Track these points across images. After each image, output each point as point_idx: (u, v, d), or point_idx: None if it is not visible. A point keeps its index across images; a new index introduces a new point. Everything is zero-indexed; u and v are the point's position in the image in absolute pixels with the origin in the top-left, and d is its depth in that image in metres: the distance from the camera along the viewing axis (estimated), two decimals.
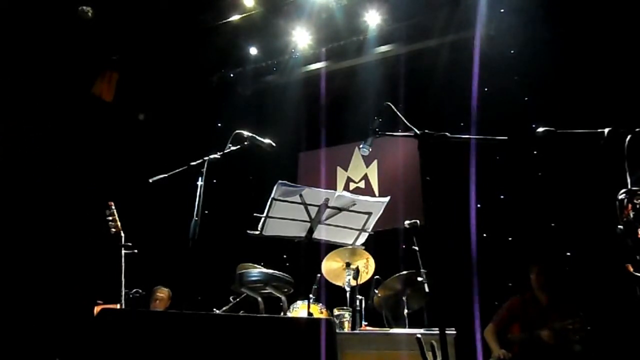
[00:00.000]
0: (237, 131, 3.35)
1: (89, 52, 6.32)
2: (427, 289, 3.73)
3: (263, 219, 2.98)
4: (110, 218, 3.65)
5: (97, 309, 4.28)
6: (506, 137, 2.46)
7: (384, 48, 6.60)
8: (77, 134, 6.05)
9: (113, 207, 3.72)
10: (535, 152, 5.47)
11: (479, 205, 5.51)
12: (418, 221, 4.02)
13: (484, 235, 5.43)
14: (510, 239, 5.45)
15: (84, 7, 5.76)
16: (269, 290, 3.72)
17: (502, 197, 5.68)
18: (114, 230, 3.64)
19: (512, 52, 5.84)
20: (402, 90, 6.05)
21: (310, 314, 3.28)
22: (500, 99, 5.66)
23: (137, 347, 1.89)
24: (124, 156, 6.44)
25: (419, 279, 3.83)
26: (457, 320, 3.63)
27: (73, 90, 6.26)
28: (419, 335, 2.48)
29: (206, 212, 3.30)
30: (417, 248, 3.91)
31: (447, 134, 2.45)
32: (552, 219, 5.27)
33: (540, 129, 2.28)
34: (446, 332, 2.14)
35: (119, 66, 6.74)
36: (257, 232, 3.03)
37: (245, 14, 6.35)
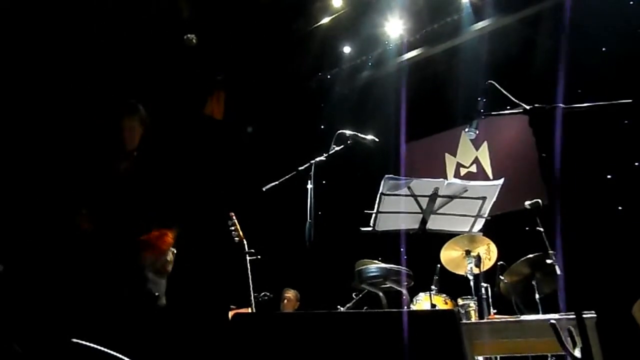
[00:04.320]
0: (340, 131, 3.40)
1: (197, 76, 6.80)
2: (558, 271, 3.50)
3: (374, 214, 3.00)
4: (233, 228, 3.90)
5: (230, 314, 4.60)
6: (631, 100, 2.22)
7: (481, 24, 6.30)
8: (199, 154, 6.52)
9: (234, 218, 3.98)
10: None
11: (609, 177, 5.04)
12: (540, 200, 3.80)
13: (619, 208, 4.96)
14: None
15: (189, 35, 6.19)
16: (389, 284, 3.72)
17: (637, 164, 5.13)
18: (237, 239, 3.89)
19: (631, 2, 5.25)
20: (507, 65, 5.72)
21: (433, 305, 3.24)
22: (621, 57, 5.12)
23: (269, 349, 2.00)
24: (239, 169, 6.82)
25: (548, 261, 3.60)
26: (597, 302, 3.35)
27: (189, 113, 6.75)
28: (553, 321, 2.33)
29: (319, 213, 3.39)
30: (542, 229, 3.68)
31: (560, 105, 2.28)
32: None
33: None
34: (585, 315, 1.99)
35: (224, 85, 7.16)
36: (370, 228, 3.06)
37: (335, 15, 6.43)
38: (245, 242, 3.92)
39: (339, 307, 4.55)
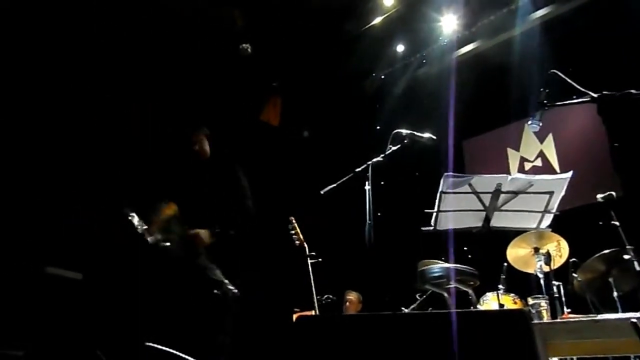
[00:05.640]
0: (396, 131, 3.37)
1: (253, 84, 6.95)
2: (637, 268, 3.30)
3: (435, 213, 2.94)
4: (293, 232, 3.95)
5: (295, 316, 4.66)
6: None
7: (540, 12, 6.05)
8: (258, 161, 6.66)
9: (294, 222, 4.03)
10: None
11: None
12: (614, 193, 3.61)
13: None
14: None
15: (244, 45, 6.34)
16: (453, 284, 3.64)
17: None
18: (297, 243, 3.93)
19: None
20: (569, 54, 5.46)
21: (501, 305, 3.13)
22: None
23: (334, 350, 2.01)
24: (297, 173, 6.90)
25: (626, 256, 3.40)
26: None
27: (247, 121, 6.92)
28: (634, 320, 2.20)
29: (379, 214, 3.37)
30: (617, 223, 3.49)
31: (631, 91, 2.15)
32: None
33: None
34: None
35: (280, 91, 7.27)
36: (431, 228, 3.00)
37: (386, 14, 6.39)
38: (306, 245, 3.96)
39: (402, 308, 4.49)
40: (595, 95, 2.18)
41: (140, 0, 5.40)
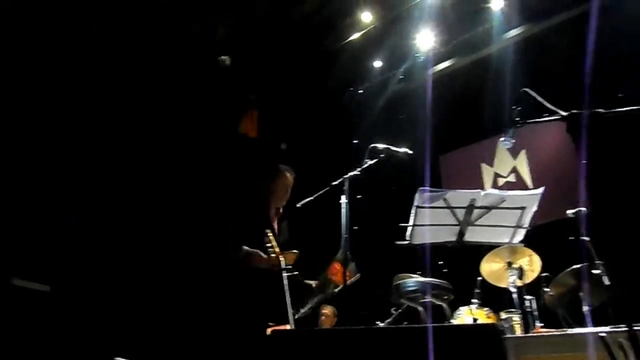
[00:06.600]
0: (372, 145, 3.40)
1: (231, 96, 6.93)
2: (607, 282, 3.36)
3: (410, 228, 2.96)
4: (269, 245, 3.92)
5: (269, 331, 4.58)
6: None
7: (514, 32, 6.21)
8: (235, 173, 6.61)
9: (270, 235, 4.00)
10: None
11: None
12: (584, 209, 3.68)
13: None
14: None
15: (223, 57, 6.34)
16: (428, 298, 3.66)
17: None
18: (273, 256, 3.90)
19: None
20: (541, 73, 5.60)
21: (475, 319, 3.16)
22: None
23: None
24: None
25: (596, 271, 3.47)
26: None
27: (225, 133, 6.88)
28: (603, 334, 2.24)
29: (355, 228, 3.38)
30: (587, 238, 3.55)
31: (600, 110, 2.21)
32: None
33: None
34: (637, 328, 1.90)
35: (257, 103, 7.26)
36: (406, 242, 3.02)
37: (365, 30, 6.47)
38: (282, 258, 3.92)
39: (378, 322, 4.48)
40: (564, 114, 2.22)
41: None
